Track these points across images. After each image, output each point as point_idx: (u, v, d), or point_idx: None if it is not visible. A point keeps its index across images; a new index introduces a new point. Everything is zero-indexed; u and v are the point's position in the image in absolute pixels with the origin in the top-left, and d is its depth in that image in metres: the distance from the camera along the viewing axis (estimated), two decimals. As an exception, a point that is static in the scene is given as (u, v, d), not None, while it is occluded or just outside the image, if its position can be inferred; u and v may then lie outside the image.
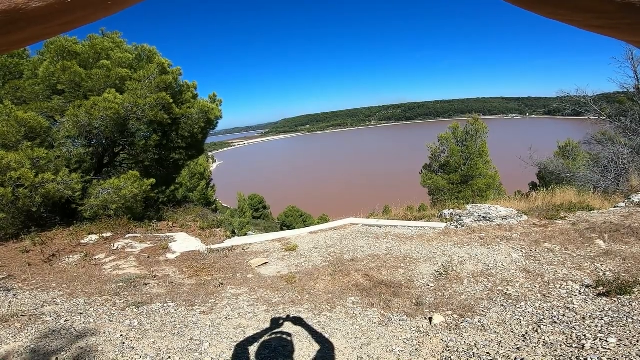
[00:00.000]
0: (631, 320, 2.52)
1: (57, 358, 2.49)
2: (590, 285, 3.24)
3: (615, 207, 5.93)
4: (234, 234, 10.22)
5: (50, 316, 3.19)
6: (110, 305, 3.50)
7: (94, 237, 5.90)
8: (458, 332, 2.81)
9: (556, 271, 3.69)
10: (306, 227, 10.14)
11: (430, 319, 3.08)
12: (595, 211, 5.75)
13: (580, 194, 7.19)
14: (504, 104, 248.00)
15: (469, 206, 6.76)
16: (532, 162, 11.93)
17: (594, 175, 9.19)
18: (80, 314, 3.27)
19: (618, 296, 2.91)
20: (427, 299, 3.50)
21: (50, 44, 6.80)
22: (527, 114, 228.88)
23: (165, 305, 3.56)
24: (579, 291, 3.19)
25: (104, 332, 2.92)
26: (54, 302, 3.56)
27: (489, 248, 4.63)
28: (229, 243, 6.18)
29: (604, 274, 3.48)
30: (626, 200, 6.07)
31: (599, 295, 3.03)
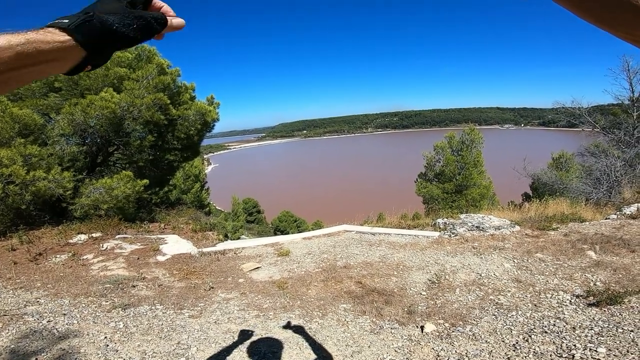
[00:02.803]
0: (621, 330, 2.52)
1: (37, 359, 2.42)
2: (581, 296, 3.24)
3: (606, 218, 5.99)
4: (226, 237, 10.12)
5: (33, 316, 3.11)
6: (96, 307, 3.42)
7: (83, 236, 5.81)
8: (449, 341, 2.79)
9: (547, 281, 3.70)
10: (300, 232, 10.09)
11: (422, 327, 3.06)
12: (587, 222, 5.79)
13: (572, 205, 7.24)
14: (500, 114, 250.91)
15: (462, 215, 6.78)
16: (526, 172, 12.03)
17: (586, 187, 9.26)
18: (64, 314, 3.19)
19: (608, 306, 2.91)
20: (419, 307, 3.48)
21: None
22: (522, 125, 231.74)
23: (153, 307, 3.49)
24: (570, 301, 3.19)
25: (88, 334, 2.85)
26: (38, 302, 3.47)
27: (482, 257, 4.63)
28: (221, 246, 6.12)
29: (595, 284, 3.49)
30: (618, 212, 6.13)
31: (590, 305, 3.03)
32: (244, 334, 3.03)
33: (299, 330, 3.12)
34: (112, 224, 6.42)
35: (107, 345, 2.70)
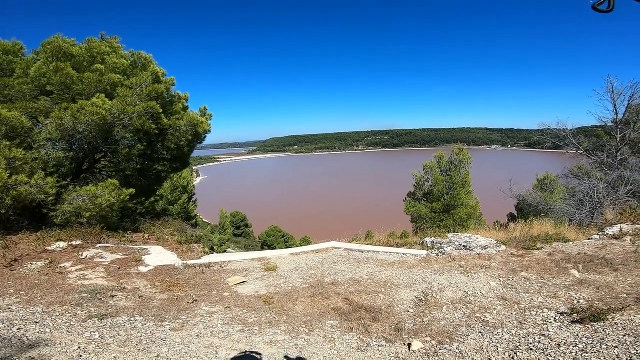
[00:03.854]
0: (605, 347, 2.55)
1: None
2: (565, 313, 3.29)
3: (589, 239, 6.16)
4: (212, 250, 9.92)
5: (3, 323, 2.96)
6: (71, 316, 3.27)
7: (62, 244, 5.60)
8: (436, 358, 2.77)
9: (532, 299, 3.75)
10: (287, 248, 9.96)
11: (409, 345, 3.03)
12: (571, 243, 5.93)
13: (556, 226, 7.40)
14: (488, 134, 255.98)
15: (450, 235, 6.84)
16: (512, 194, 12.24)
17: (569, 209, 9.46)
18: (36, 322, 3.04)
19: (592, 323, 2.95)
20: (407, 324, 3.46)
21: (47, 44, 6.70)
22: (509, 146, 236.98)
23: (132, 319, 3.36)
24: (554, 318, 3.22)
25: (60, 344, 2.71)
26: (9, 308, 3.31)
27: (469, 276, 4.67)
28: (206, 259, 5.98)
29: (579, 302, 3.55)
30: (600, 233, 6.31)
31: (574, 322, 3.07)
32: (228, 349, 2.93)
33: (284, 346, 3.04)
34: (93, 233, 6.22)
35: (81, 356, 2.56)
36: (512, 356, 2.64)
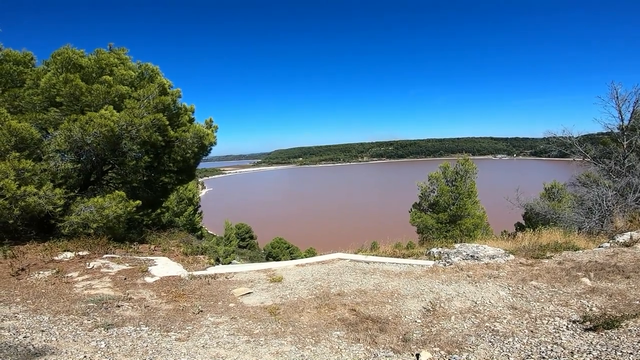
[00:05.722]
0: (620, 353, 2.49)
1: None
2: (578, 321, 3.22)
3: (599, 247, 6.08)
4: (218, 261, 9.89)
5: (9, 331, 2.97)
6: (77, 325, 3.28)
7: (69, 254, 5.64)
8: (445, 368, 2.71)
9: (543, 307, 3.68)
10: (293, 259, 9.90)
11: (417, 355, 2.98)
12: (581, 251, 5.86)
13: (565, 234, 7.30)
14: (493, 144, 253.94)
15: (457, 245, 6.78)
16: (519, 203, 12.08)
17: (578, 217, 9.31)
18: (42, 331, 3.05)
19: (606, 330, 2.90)
20: (414, 334, 3.40)
21: (57, 55, 6.82)
22: (515, 155, 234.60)
23: (138, 328, 3.35)
24: (567, 326, 3.16)
25: (66, 352, 2.71)
26: (15, 317, 3.33)
27: (477, 286, 4.61)
28: (212, 270, 5.98)
29: (591, 309, 3.49)
30: (611, 241, 6.23)
31: (587, 330, 3.01)
32: None
33: (291, 357, 3.00)
34: (100, 243, 6.27)
35: (86, 365, 2.56)
36: (524, 365, 2.58)
